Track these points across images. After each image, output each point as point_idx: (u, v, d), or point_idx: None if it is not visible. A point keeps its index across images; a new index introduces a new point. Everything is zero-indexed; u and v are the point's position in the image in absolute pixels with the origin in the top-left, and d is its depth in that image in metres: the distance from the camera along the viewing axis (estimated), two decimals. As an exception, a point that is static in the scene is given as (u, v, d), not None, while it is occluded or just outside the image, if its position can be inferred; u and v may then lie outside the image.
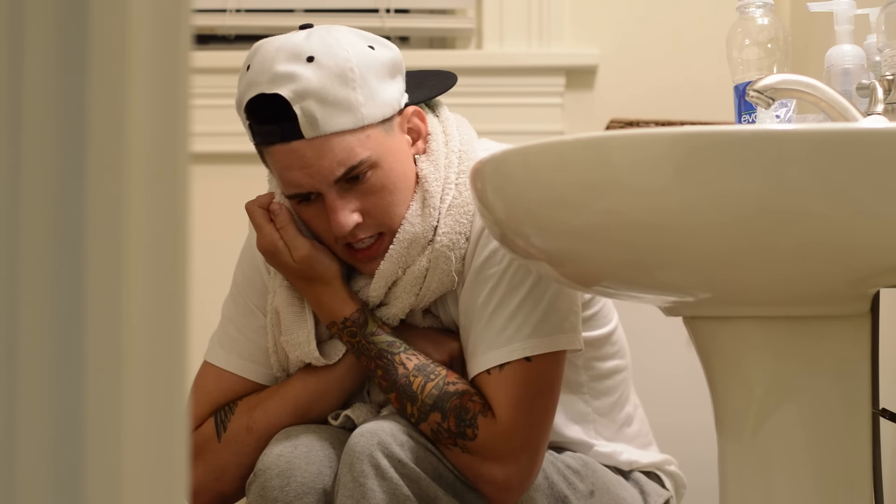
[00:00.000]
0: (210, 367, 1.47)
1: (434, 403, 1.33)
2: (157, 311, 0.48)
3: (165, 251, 0.48)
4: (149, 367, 0.48)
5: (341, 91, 1.29)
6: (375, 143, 1.32)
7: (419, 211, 1.36)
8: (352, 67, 1.30)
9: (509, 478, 1.33)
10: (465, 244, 1.37)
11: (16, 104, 0.46)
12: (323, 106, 1.28)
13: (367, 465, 1.27)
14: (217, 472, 1.42)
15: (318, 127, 1.29)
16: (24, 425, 0.46)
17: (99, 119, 0.46)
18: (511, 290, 1.35)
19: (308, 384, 1.41)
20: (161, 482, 0.48)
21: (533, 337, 1.34)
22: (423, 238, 1.36)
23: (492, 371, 1.34)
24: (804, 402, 1.11)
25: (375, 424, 1.31)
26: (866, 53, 1.38)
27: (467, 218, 1.37)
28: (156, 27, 0.48)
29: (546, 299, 1.35)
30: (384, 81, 1.33)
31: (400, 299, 1.39)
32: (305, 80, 1.28)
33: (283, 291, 1.42)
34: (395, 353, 1.36)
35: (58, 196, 0.46)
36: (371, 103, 1.31)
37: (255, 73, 1.30)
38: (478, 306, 1.36)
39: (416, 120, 1.39)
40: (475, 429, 1.32)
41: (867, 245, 0.98)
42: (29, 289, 0.46)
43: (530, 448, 1.34)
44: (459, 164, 1.39)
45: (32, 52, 0.46)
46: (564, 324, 1.36)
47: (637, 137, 0.99)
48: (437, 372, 1.35)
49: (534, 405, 1.34)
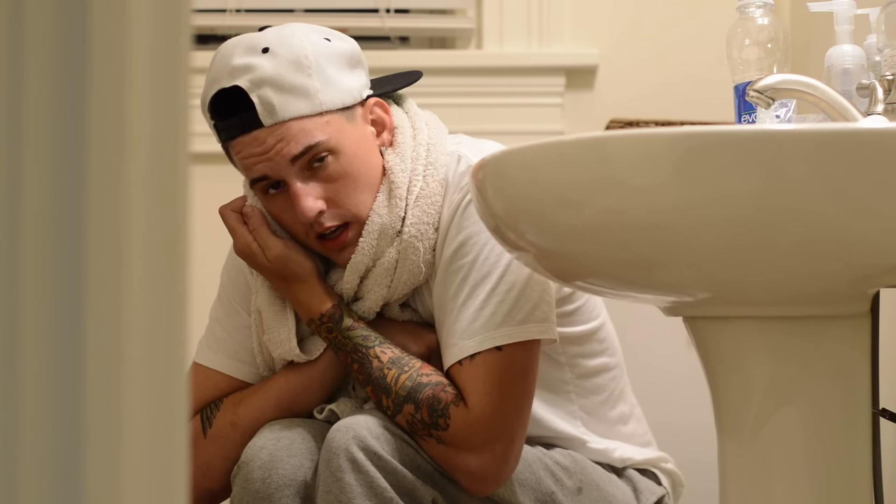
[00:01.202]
0: (198, 366, 1.49)
1: (407, 395, 1.34)
2: (157, 311, 0.48)
3: (165, 251, 0.48)
4: (149, 367, 0.48)
5: (297, 77, 1.33)
6: (335, 130, 1.35)
7: (386, 202, 1.38)
8: (306, 55, 1.34)
9: (485, 467, 1.34)
10: (433, 235, 1.39)
11: (16, 104, 0.46)
12: (279, 93, 1.32)
13: (343, 459, 1.28)
14: (204, 468, 1.43)
15: (276, 114, 1.32)
16: (24, 425, 0.46)
17: (99, 119, 0.46)
18: (480, 281, 1.36)
19: (290, 380, 1.43)
20: (161, 482, 0.48)
21: (503, 326, 1.35)
22: (391, 229, 1.38)
23: (463, 362, 1.35)
24: (804, 403, 1.11)
25: (352, 419, 1.33)
26: (866, 53, 1.38)
27: (435, 209, 1.39)
28: (156, 27, 0.48)
29: (516, 288, 1.36)
30: (342, 70, 1.37)
31: (373, 292, 1.40)
32: (261, 69, 1.32)
33: (264, 291, 1.44)
34: (370, 347, 1.38)
35: (58, 196, 0.46)
36: (328, 90, 1.34)
37: (215, 70, 1.35)
38: (449, 298, 1.38)
39: (379, 111, 1.42)
40: (447, 419, 1.33)
41: (867, 245, 0.98)
42: (29, 289, 0.46)
43: (505, 437, 1.35)
44: (427, 155, 1.41)
45: (32, 52, 0.46)
46: (536, 312, 1.37)
47: (637, 137, 0.99)
48: (410, 364, 1.37)
49: (506, 394, 1.35)
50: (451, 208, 1.39)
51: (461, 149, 1.43)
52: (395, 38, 2.33)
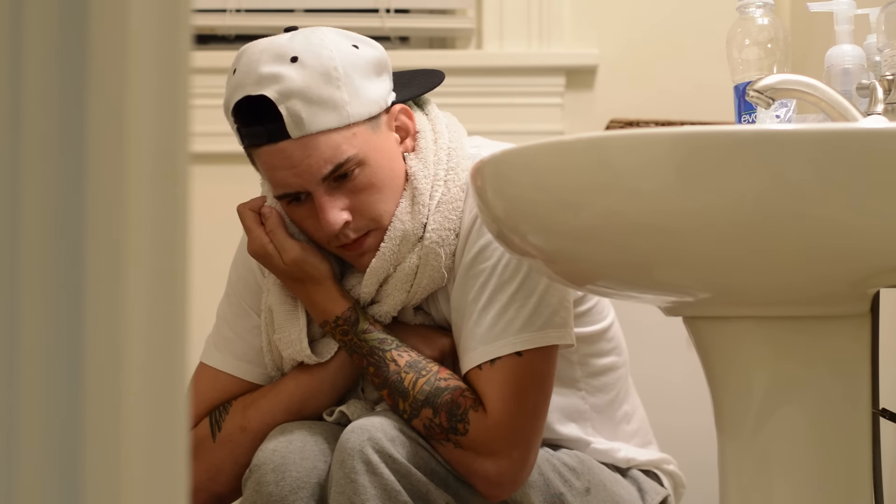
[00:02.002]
0: (205, 367, 1.48)
1: (425, 399, 1.34)
2: (157, 311, 0.48)
3: (165, 251, 0.48)
4: (149, 367, 0.48)
5: (326, 90, 1.30)
6: (362, 141, 1.33)
7: (409, 208, 1.37)
8: (335, 66, 1.31)
9: (502, 472, 1.34)
10: (454, 241, 1.39)
11: (16, 104, 0.46)
12: (308, 105, 1.29)
13: (357, 461, 1.28)
14: (212, 472, 1.43)
15: (304, 126, 1.30)
16: (24, 425, 0.46)
17: (99, 119, 0.46)
18: (501, 286, 1.36)
19: (301, 382, 1.42)
20: (161, 482, 0.48)
21: (523, 332, 1.35)
22: (413, 235, 1.37)
23: (483, 366, 1.35)
24: (804, 402, 1.11)
25: (366, 421, 1.32)
26: (866, 53, 1.38)
27: (456, 214, 1.38)
28: (156, 27, 0.48)
29: (536, 294, 1.36)
30: (369, 79, 1.34)
31: (391, 297, 1.40)
32: (290, 80, 1.29)
33: (276, 290, 1.43)
34: (386, 350, 1.37)
35: (58, 196, 0.46)
36: (356, 101, 1.32)
37: (241, 75, 1.32)
38: (468, 302, 1.37)
39: (404, 118, 1.40)
40: (466, 424, 1.33)
41: (867, 245, 0.98)
42: (29, 289, 0.46)
43: (522, 443, 1.34)
44: (448, 160, 1.40)
45: (32, 52, 0.46)
46: (555, 318, 1.37)
47: (637, 137, 0.99)
48: (428, 368, 1.36)
49: (525, 400, 1.35)
50: (472, 213, 1.38)
51: (481, 151, 1.42)
52: (395, 38, 2.33)
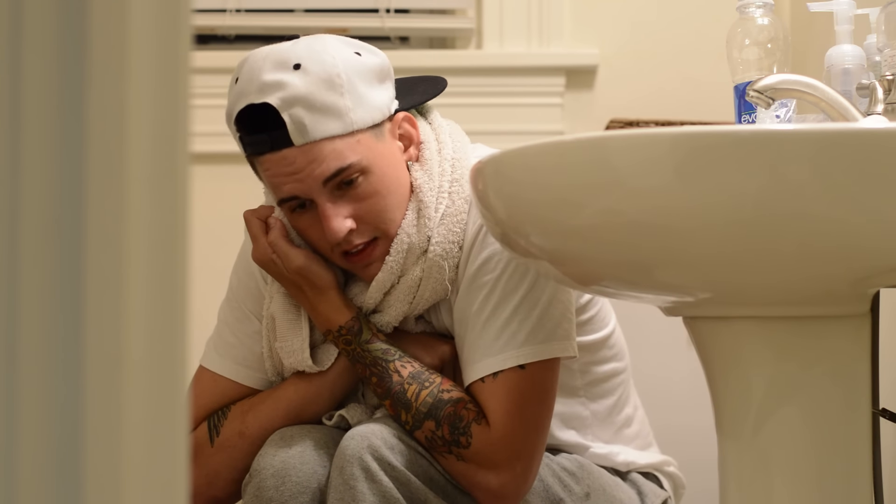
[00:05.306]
0: (205, 371, 1.48)
1: (428, 411, 1.34)
2: (157, 311, 0.48)
3: (165, 251, 0.48)
4: (149, 368, 0.48)
5: (329, 97, 1.29)
6: (365, 148, 1.32)
7: (414, 221, 1.37)
8: (338, 73, 1.30)
9: (504, 486, 1.34)
10: (458, 253, 1.38)
11: (16, 104, 0.46)
12: (311, 112, 1.29)
13: (357, 468, 1.28)
14: (210, 477, 1.42)
15: (307, 133, 1.29)
16: (24, 425, 0.46)
17: (99, 119, 0.46)
18: (504, 298, 1.35)
19: (300, 388, 1.42)
20: (161, 483, 0.48)
21: (527, 345, 1.34)
22: (418, 248, 1.37)
23: (486, 379, 1.35)
24: (804, 402, 1.11)
25: (366, 427, 1.32)
26: (866, 53, 1.38)
27: (460, 227, 1.38)
28: (156, 27, 0.48)
29: (540, 306, 1.35)
30: (372, 87, 1.34)
31: (394, 307, 1.39)
32: (293, 88, 1.28)
33: (279, 298, 1.42)
34: (389, 361, 1.37)
35: (58, 196, 0.46)
36: (359, 108, 1.32)
37: (244, 83, 1.31)
38: (472, 314, 1.36)
39: (407, 126, 1.40)
40: (469, 437, 1.33)
41: (867, 245, 0.98)
42: (29, 289, 0.46)
43: (525, 455, 1.34)
44: (452, 172, 1.39)
45: (32, 52, 0.46)
46: (558, 331, 1.36)
47: (637, 137, 0.99)
48: (431, 380, 1.36)
49: (528, 413, 1.35)
50: (476, 225, 1.37)
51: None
52: (395, 38, 2.33)
